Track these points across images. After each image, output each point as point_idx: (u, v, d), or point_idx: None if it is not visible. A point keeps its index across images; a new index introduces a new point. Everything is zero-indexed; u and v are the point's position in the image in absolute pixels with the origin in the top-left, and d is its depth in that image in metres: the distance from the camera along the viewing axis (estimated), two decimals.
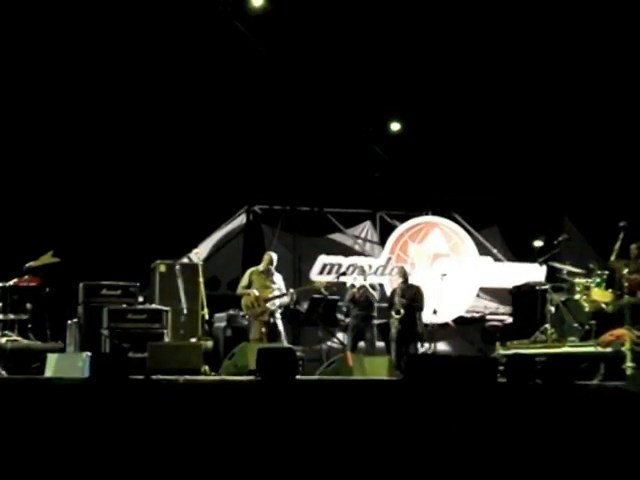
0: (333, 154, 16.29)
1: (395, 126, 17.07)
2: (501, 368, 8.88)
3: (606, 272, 12.63)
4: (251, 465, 7.09)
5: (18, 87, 14.57)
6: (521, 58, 15.96)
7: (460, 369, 8.30)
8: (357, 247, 17.22)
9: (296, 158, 16.08)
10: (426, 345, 14.19)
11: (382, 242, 17.18)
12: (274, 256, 13.14)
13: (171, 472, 7.00)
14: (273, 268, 13.02)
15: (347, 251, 16.89)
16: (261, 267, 13.01)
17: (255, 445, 7.18)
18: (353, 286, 13.61)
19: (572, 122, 16.58)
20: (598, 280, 12.58)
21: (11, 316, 12.38)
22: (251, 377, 9.40)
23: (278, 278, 13.04)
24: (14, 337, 12.22)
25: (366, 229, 17.47)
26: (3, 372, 10.87)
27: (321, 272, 16.19)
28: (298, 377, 8.64)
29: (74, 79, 14.80)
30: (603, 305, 12.47)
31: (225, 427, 7.24)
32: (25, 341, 12.26)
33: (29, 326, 12.42)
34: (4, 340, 12.09)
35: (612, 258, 12.56)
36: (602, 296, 12.48)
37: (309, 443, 7.29)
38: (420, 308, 13.60)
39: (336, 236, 17.15)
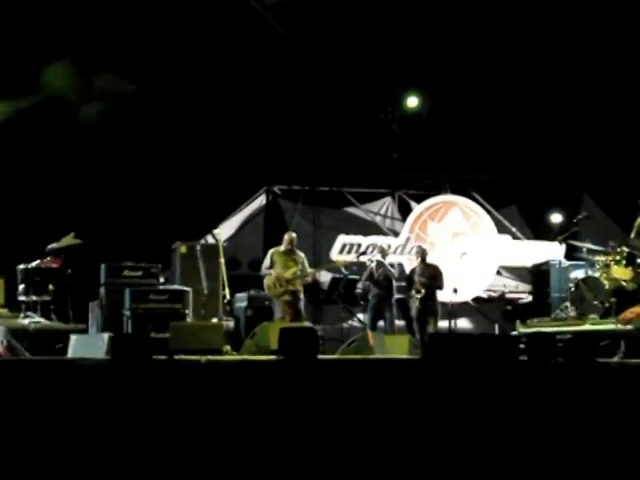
0: (351, 134, 16.25)
1: (412, 102, 17.03)
2: (522, 346, 8.89)
3: (626, 249, 12.59)
4: (272, 444, 7.14)
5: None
6: (538, 34, 15.86)
7: (482, 347, 8.31)
8: (377, 223, 17.17)
9: (315, 138, 16.05)
10: (443, 323, 14.17)
11: (402, 220, 17.16)
12: (294, 236, 13.17)
13: (193, 452, 7.05)
14: (295, 247, 13.05)
15: (368, 227, 16.85)
16: (282, 247, 13.05)
17: (277, 424, 7.22)
18: (372, 261, 13.59)
19: (591, 98, 16.47)
20: (618, 257, 12.54)
21: (34, 297, 12.46)
22: (272, 356, 9.46)
23: (301, 257, 13.07)
24: (37, 318, 12.30)
25: (386, 205, 17.43)
26: (26, 353, 10.95)
27: (341, 251, 16.19)
28: (319, 356, 8.67)
29: (97, 66, 14.88)
30: (623, 283, 12.43)
31: (247, 406, 7.28)
32: (48, 322, 12.33)
33: (52, 307, 12.50)
34: (27, 321, 12.17)
35: (632, 235, 12.52)
36: (622, 273, 12.44)
37: (330, 421, 7.32)
38: (439, 287, 13.60)
39: (356, 210, 17.11)
